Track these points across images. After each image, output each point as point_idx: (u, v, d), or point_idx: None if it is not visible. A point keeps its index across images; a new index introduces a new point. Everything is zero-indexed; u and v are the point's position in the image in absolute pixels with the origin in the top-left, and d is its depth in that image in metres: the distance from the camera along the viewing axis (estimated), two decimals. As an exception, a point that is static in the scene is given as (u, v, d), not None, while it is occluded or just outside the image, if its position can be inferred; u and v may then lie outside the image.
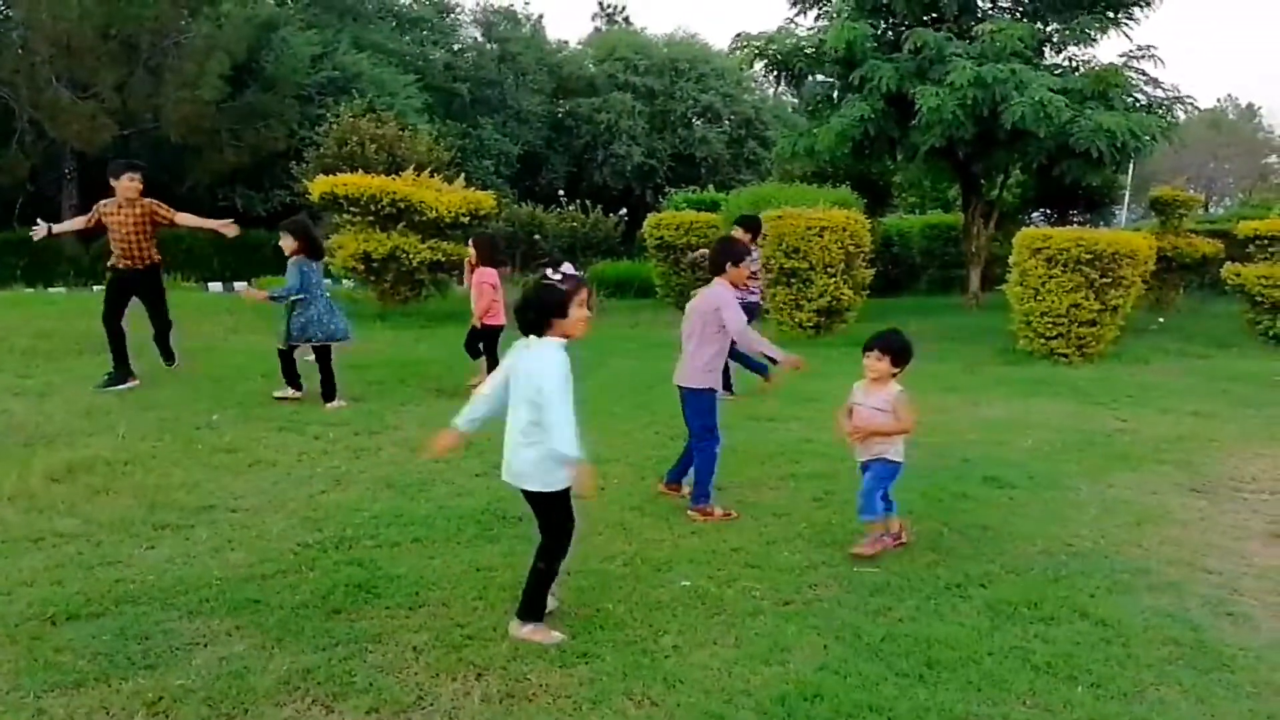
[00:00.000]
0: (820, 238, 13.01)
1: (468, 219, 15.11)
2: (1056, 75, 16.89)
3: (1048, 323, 12.05)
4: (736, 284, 6.10)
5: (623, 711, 3.47)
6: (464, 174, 18.47)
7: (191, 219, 9.11)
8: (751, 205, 15.63)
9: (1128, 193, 24.28)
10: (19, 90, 27.46)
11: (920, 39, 16.23)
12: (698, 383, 5.80)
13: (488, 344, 9.31)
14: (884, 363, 5.00)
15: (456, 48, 42.01)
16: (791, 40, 18.45)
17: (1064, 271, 11.84)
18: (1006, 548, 5.23)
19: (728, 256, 5.99)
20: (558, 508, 4.01)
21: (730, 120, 44.36)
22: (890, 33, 17.86)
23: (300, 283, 8.06)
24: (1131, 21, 17.84)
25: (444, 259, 14.88)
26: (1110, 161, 16.51)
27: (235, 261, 25.36)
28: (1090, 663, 3.91)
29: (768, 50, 18.42)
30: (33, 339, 10.38)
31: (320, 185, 14.65)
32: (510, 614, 4.11)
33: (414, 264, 14.51)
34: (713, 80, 43.27)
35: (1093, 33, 17.66)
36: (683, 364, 5.88)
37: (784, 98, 42.52)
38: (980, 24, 16.96)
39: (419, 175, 15.81)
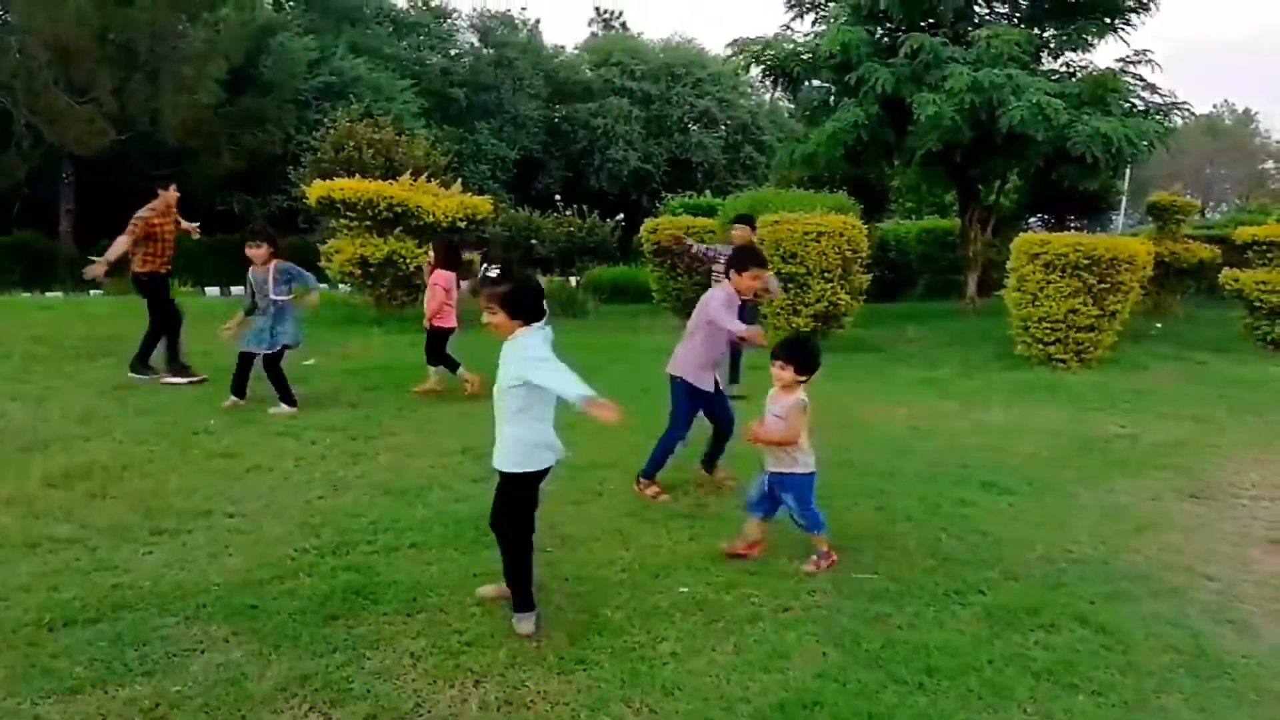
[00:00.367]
0: (817, 243, 12.99)
1: (465, 223, 15.10)
2: (1053, 81, 16.91)
3: (1046, 328, 12.04)
4: (742, 291, 6.23)
5: (621, 719, 3.46)
6: (461, 179, 18.45)
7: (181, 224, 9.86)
8: (748, 210, 15.59)
9: (1124, 198, 24.32)
10: (16, 94, 27.42)
11: (917, 42, 16.25)
12: (673, 370, 6.27)
13: (438, 345, 9.25)
14: (788, 371, 4.98)
15: (453, 53, 42.07)
16: (788, 45, 18.47)
17: (1062, 277, 11.84)
18: (1006, 554, 5.22)
19: (732, 263, 6.26)
20: (519, 491, 4.16)
21: (726, 125, 44.45)
22: (886, 38, 17.88)
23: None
24: (1128, 27, 17.89)
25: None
26: (1107, 167, 16.53)
27: (231, 267, 25.33)
28: (1091, 670, 3.91)
29: (764, 55, 18.45)
30: (30, 344, 10.35)
31: (317, 189, 14.63)
32: (509, 619, 4.12)
33: (411, 269, 14.50)
34: (709, 85, 43.36)
35: (1089, 38, 17.71)
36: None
37: (780, 103, 42.65)
38: (976, 30, 16.99)
39: (416, 180, 15.80)
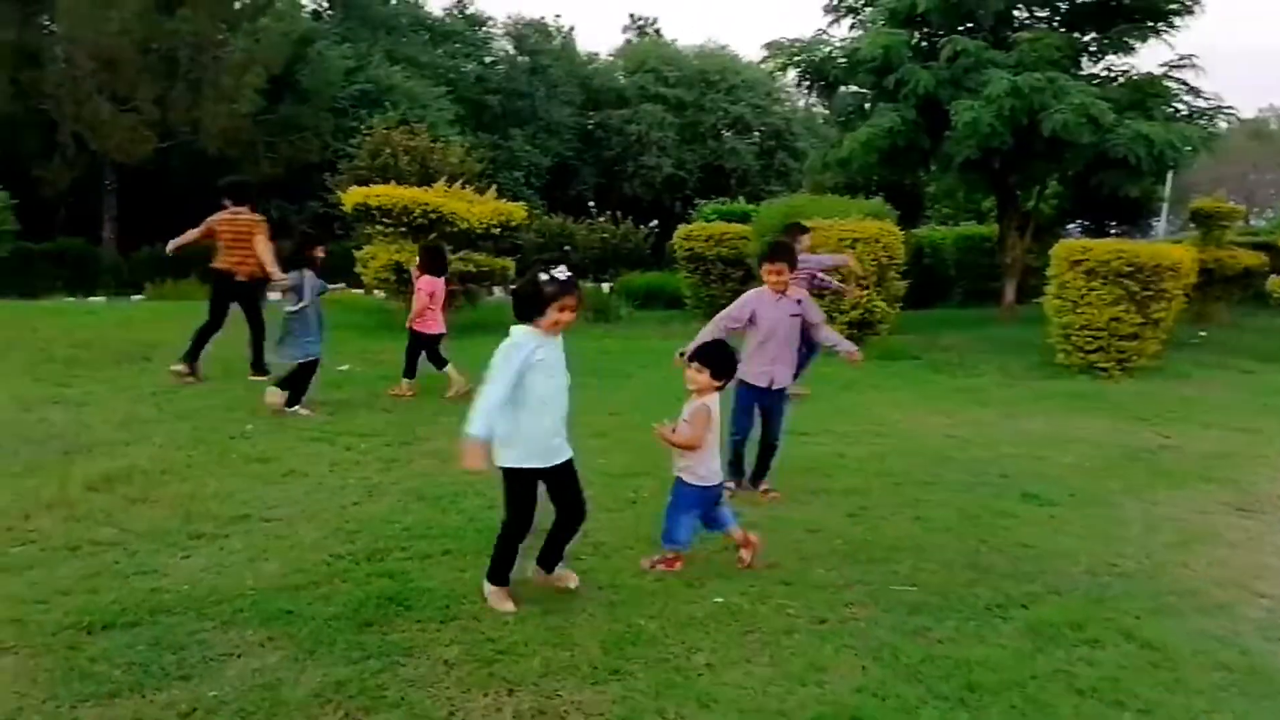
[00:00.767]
0: (852, 249, 12.90)
1: (499, 230, 15.13)
2: (1094, 85, 16.69)
3: (1087, 336, 11.87)
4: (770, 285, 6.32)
5: (656, 731, 3.43)
6: (495, 185, 18.51)
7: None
8: (783, 216, 15.51)
9: (1166, 204, 23.95)
10: (62, 104, 27.91)
11: (958, 45, 16.11)
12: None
13: (427, 351, 9.27)
14: (704, 375, 4.93)
15: (488, 60, 42.29)
16: (825, 49, 18.38)
17: (1104, 284, 11.68)
18: (1048, 567, 5.13)
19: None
20: (509, 485, 4.38)
21: (760, 131, 44.34)
22: (925, 42, 17.74)
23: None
24: (1171, 30, 17.59)
25: (475, 270, 14.90)
26: (1150, 171, 16.28)
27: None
28: (1138, 688, 3.81)
29: (800, 58, 18.37)
30: (72, 348, 10.49)
31: (353, 196, 14.72)
32: (543, 628, 4.10)
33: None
34: (743, 92, 43.28)
35: (1132, 41, 17.46)
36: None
37: (815, 109, 42.50)
38: (1016, 33, 16.81)
39: (450, 186, 15.87)
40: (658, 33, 50.55)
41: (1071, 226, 23.41)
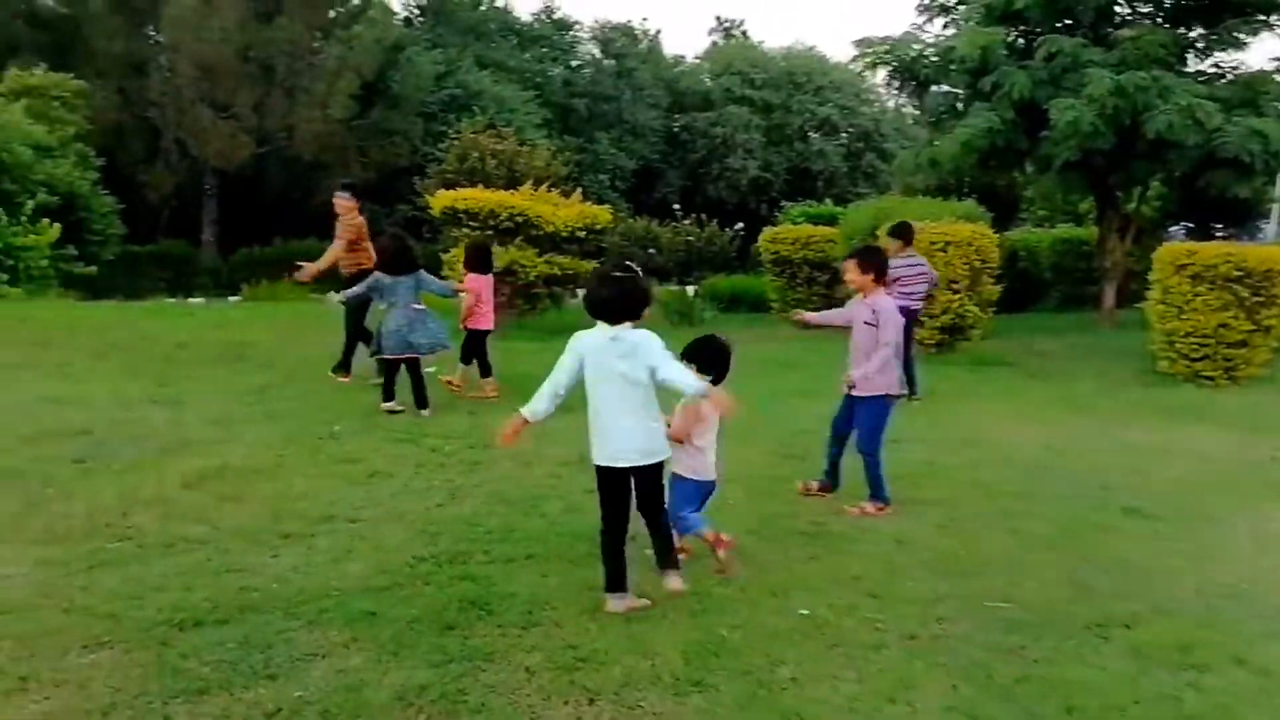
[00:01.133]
0: (944, 252, 12.63)
1: (584, 233, 15.19)
2: (1201, 83, 16.03)
3: (1193, 343, 11.40)
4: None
5: (740, 746, 3.35)
6: (580, 188, 18.59)
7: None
8: (871, 219, 15.29)
9: (1277, 205, 22.88)
10: (165, 111, 28.97)
11: (1055, 45, 15.63)
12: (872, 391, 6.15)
13: (476, 348, 9.42)
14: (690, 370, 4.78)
15: (575, 64, 42.61)
16: (917, 47, 18.02)
17: (1211, 289, 11.20)
18: (1152, 585, 4.90)
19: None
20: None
21: (848, 133, 43.83)
22: (1021, 40, 17.27)
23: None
24: (1286, 23, 16.81)
25: (560, 273, 14.98)
26: (1263, 171, 15.58)
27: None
28: (1250, 715, 3.61)
29: (890, 58, 18.04)
30: (171, 349, 10.79)
31: (441, 200, 14.93)
32: (624, 636, 4.06)
33: (531, 278, 14.64)
34: (831, 93, 42.84)
35: (1241, 36, 16.72)
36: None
37: (904, 109, 41.81)
38: (1118, 30, 16.25)
39: (536, 190, 15.97)
40: (744, 34, 50.35)
41: (1174, 229, 22.56)
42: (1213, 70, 17.37)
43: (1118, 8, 17.37)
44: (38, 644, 3.84)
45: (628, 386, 4.32)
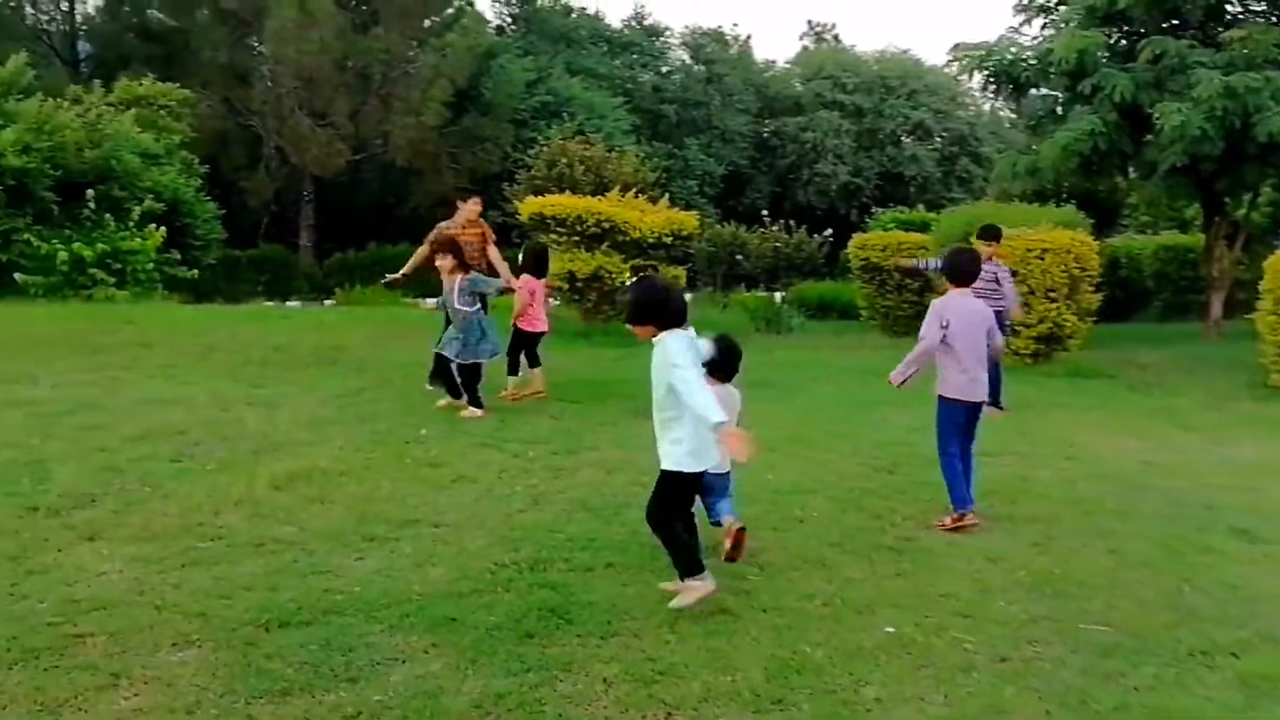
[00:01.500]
0: (1041, 260, 12.27)
1: (670, 239, 15.17)
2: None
3: (1307, 356, 10.88)
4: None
5: (821, 769, 3.25)
6: (669, 194, 18.59)
7: (495, 256, 9.96)
8: (966, 225, 14.94)
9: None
10: (266, 120, 29.91)
11: (1160, 47, 15.09)
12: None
13: (527, 348, 9.47)
14: None
15: (665, 70, 42.73)
16: (1014, 50, 17.60)
17: (1326, 299, 10.67)
18: (1261, 611, 4.64)
19: (979, 266, 6.44)
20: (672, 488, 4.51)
21: (942, 137, 43.03)
22: (1124, 41, 16.72)
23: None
24: None
25: (646, 279, 14.98)
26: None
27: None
28: (1371, 757, 3.38)
29: (988, 61, 17.65)
30: (267, 351, 11.07)
31: (530, 206, 15.07)
32: (704, 650, 3.99)
33: (617, 284, 14.67)
34: (924, 96, 42.12)
35: (1361, 34, 15.91)
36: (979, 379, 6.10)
37: (1001, 113, 40.92)
38: (1227, 30, 15.62)
39: (624, 196, 16.01)
40: (836, 38, 49.84)
41: (1285, 236, 21.59)
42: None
43: (1228, 7, 16.73)
44: (130, 640, 3.93)
45: (654, 393, 4.46)
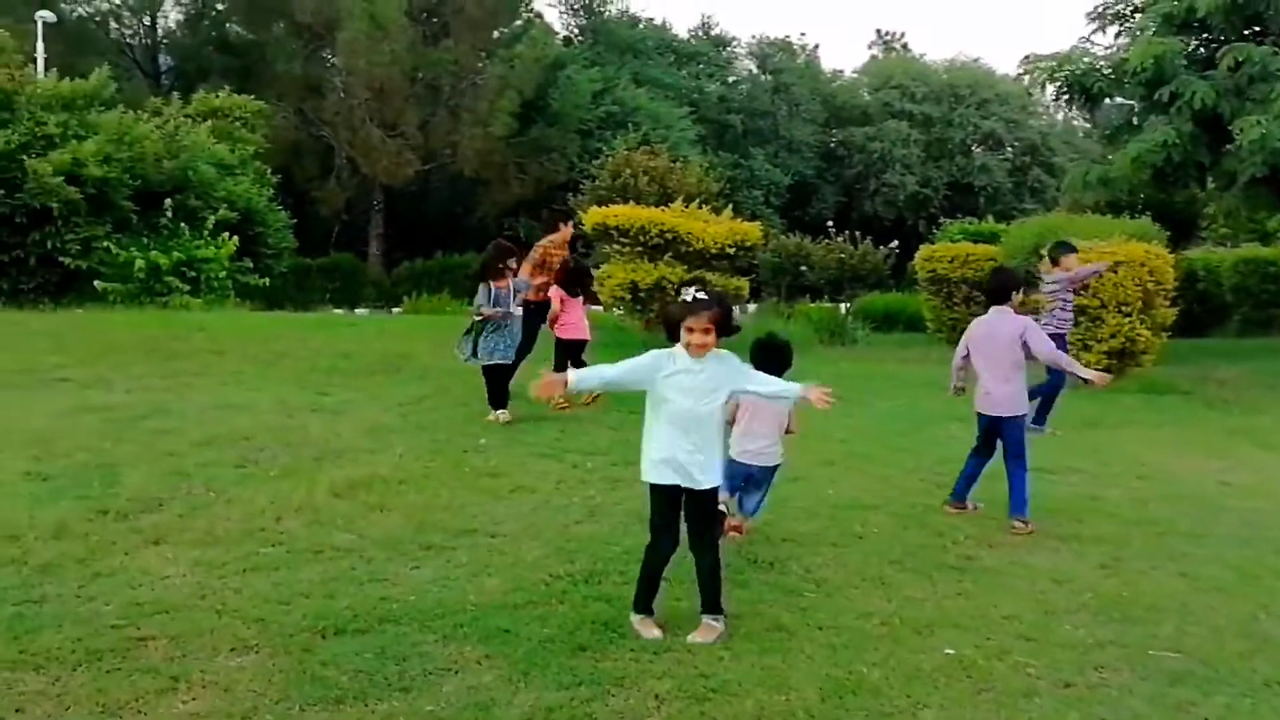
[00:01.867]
0: (1114, 273, 11.97)
1: (734, 250, 15.09)
2: None
3: (1394, 374, 10.44)
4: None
5: (874, 795, 3.18)
6: (732, 204, 18.51)
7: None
8: (1036, 237, 14.65)
9: None
10: (338, 130, 30.53)
11: (1241, 54, 14.64)
12: (1012, 411, 6.24)
13: (572, 356, 9.42)
14: None
15: (731, 80, 42.74)
16: (1087, 60, 17.22)
17: None
18: (1342, 642, 4.45)
19: (1016, 284, 6.54)
20: (650, 501, 4.46)
21: (1013, 147, 42.39)
22: (1202, 49, 16.25)
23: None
24: None
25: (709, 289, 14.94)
26: None
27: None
28: None
29: (1060, 71, 17.28)
30: (334, 359, 11.23)
31: (593, 216, 15.11)
32: (758, 668, 3.95)
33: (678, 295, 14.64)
34: (995, 106, 41.55)
35: None
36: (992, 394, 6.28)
37: (1075, 122, 40.15)
38: (1314, 37, 15.11)
39: (688, 206, 15.97)
40: (905, 47, 49.40)
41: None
42: None
43: (1316, 11, 16.15)
44: (190, 644, 4.01)
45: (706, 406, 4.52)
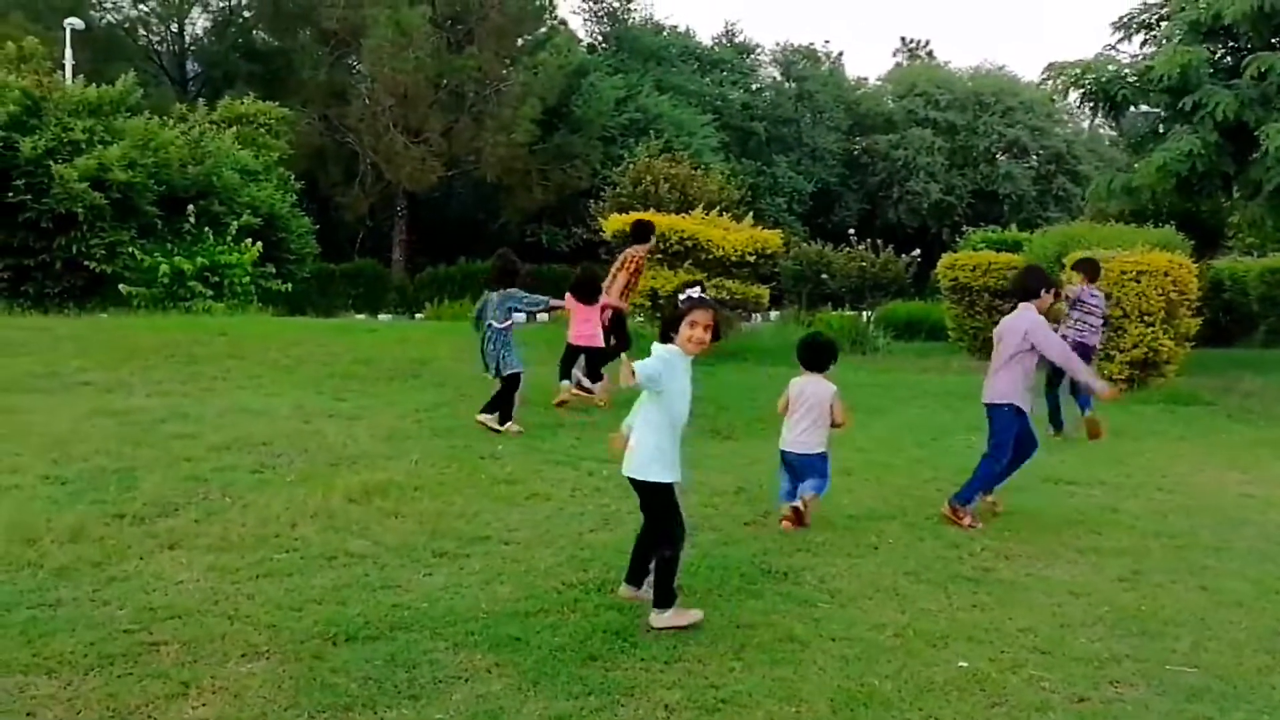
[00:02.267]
0: (1136, 283, 11.87)
1: (754, 257, 15.06)
2: None
3: None
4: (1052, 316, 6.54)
5: (883, 810, 3.16)
6: (753, 212, 18.50)
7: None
8: (1059, 246, 14.58)
9: None
10: (362, 137, 30.72)
11: (1266, 63, 14.49)
12: (997, 399, 6.48)
13: (603, 359, 9.73)
14: None
15: (755, 87, 42.70)
16: (1112, 68, 17.08)
17: None
18: (1365, 660, 4.38)
19: (1040, 283, 6.64)
20: (664, 500, 4.65)
21: (1038, 155, 42.12)
22: (1229, 58, 16.09)
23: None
24: None
25: (729, 297, 14.90)
26: None
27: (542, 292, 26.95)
28: None
29: (1084, 79, 17.16)
30: (352, 364, 11.25)
31: (613, 223, 15.13)
32: (769, 679, 3.93)
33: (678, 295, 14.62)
34: (1020, 113, 41.31)
35: None
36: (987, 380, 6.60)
37: (1100, 130, 39.88)
38: (1343, 44, 14.93)
39: (708, 214, 15.97)
40: (929, 55, 49.21)
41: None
42: None
43: (1345, 20, 15.96)
44: (202, 649, 4.02)
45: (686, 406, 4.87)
